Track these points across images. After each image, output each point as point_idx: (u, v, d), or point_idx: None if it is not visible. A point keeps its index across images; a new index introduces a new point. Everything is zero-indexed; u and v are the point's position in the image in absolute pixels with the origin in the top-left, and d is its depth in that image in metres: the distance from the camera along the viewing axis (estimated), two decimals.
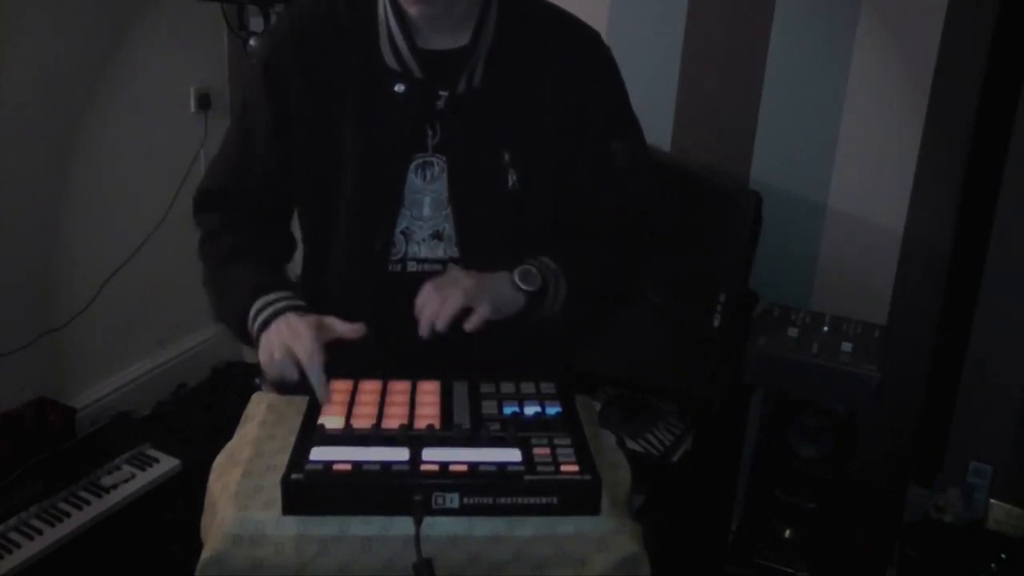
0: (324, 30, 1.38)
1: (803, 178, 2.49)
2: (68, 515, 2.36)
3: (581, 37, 1.44)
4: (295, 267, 1.54)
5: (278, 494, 1.10)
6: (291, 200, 1.49)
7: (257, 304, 1.34)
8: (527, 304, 1.34)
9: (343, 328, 1.30)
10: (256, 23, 2.87)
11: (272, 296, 1.35)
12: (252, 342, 1.35)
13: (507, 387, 1.33)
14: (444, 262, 1.41)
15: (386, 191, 1.39)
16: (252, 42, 2.78)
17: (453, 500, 1.10)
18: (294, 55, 1.38)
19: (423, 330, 1.28)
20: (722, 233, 2.16)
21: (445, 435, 1.19)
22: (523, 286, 1.33)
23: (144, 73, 2.95)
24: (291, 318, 1.31)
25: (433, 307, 1.27)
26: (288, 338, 1.28)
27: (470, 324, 1.27)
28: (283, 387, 1.33)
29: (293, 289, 1.39)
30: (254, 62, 1.44)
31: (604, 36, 1.46)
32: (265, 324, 1.32)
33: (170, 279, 3.13)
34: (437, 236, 1.41)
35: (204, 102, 3.15)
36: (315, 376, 1.26)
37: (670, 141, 2.61)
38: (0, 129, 2.54)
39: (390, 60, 1.37)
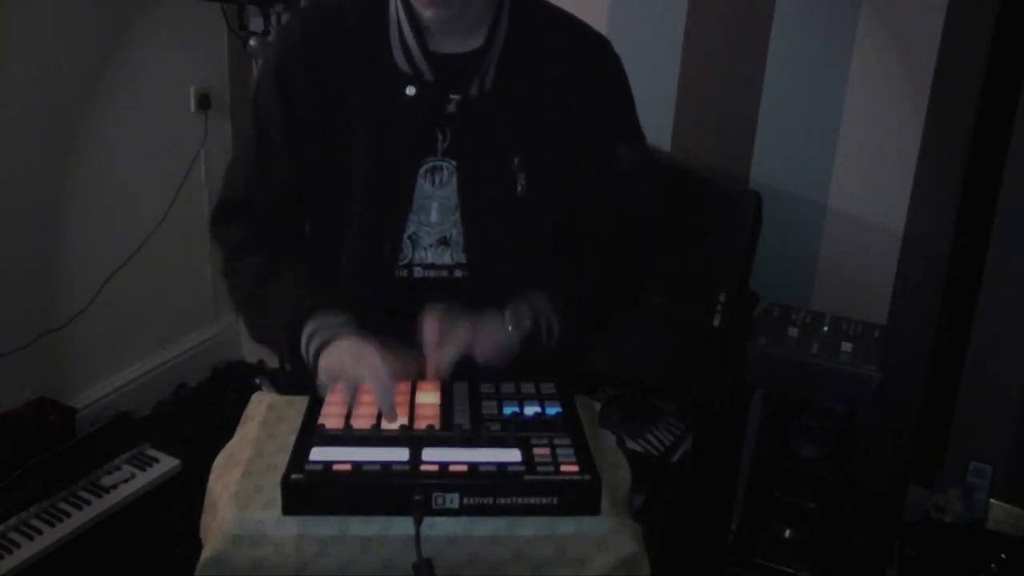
0: (334, 32, 1.38)
1: (803, 178, 2.48)
2: (68, 515, 2.36)
3: (586, 39, 1.44)
4: None
5: (278, 494, 1.10)
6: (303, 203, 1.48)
7: (309, 327, 1.31)
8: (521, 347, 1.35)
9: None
10: (256, 23, 2.87)
11: (326, 317, 1.31)
12: (302, 362, 1.32)
13: (507, 387, 1.32)
14: (450, 268, 1.41)
15: (396, 195, 1.38)
16: (252, 42, 2.78)
17: (453, 500, 1.10)
18: (304, 58, 1.37)
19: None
20: (722, 233, 2.16)
21: (445, 435, 1.19)
22: (515, 332, 1.34)
23: (144, 73, 2.95)
24: (351, 341, 1.27)
25: (432, 362, 1.29)
26: (351, 364, 1.24)
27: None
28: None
29: (342, 304, 1.34)
30: (265, 67, 1.42)
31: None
32: (321, 347, 1.28)
33: (170, 279, 3.13)
34: (444, 242, 1.40)
35: (204, 102, 3.15)
36: (386, 404, 1.22)
37: (670, 141, 2.60)
38: (0, 129, 2.55)
39: (401, 62, 1.36)
